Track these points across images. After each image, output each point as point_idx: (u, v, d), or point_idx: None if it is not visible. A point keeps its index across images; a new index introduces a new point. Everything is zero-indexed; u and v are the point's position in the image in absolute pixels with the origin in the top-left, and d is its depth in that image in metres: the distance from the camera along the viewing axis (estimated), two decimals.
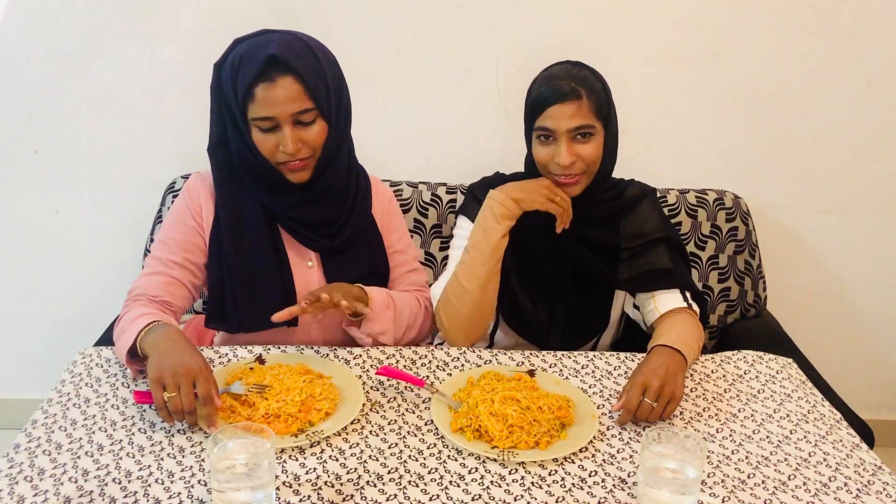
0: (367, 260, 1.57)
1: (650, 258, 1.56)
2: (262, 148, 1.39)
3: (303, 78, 1.35)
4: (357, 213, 1.54)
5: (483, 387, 1.30)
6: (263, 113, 1.35)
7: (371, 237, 1.58)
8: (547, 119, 1.43)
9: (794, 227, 2.30)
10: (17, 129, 2.15)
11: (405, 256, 1.65)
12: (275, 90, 1.33)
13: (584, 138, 1.44)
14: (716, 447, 1.22)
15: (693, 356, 1.41)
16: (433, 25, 2.09)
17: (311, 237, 1.51)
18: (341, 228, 1.52)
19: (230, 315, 1.49)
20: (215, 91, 1.42)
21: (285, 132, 1.36)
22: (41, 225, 2.25)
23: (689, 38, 2.11)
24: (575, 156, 1.44)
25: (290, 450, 1.16)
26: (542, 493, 1.09)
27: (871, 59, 2.12)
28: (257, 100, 1.34)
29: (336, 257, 1.54)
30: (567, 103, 1.42)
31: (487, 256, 1.50)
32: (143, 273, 1.48)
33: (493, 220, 1.50)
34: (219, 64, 1.41)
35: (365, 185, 1.58)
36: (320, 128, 1.40)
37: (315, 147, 1.40)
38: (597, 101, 1.43)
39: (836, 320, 2.41)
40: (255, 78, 1.33)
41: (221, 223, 1.47)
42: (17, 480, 1.08)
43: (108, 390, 1.30)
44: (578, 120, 1.42)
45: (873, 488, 1.13)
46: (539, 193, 1.48)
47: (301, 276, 1.53)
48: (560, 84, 1.43)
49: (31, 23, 2.05)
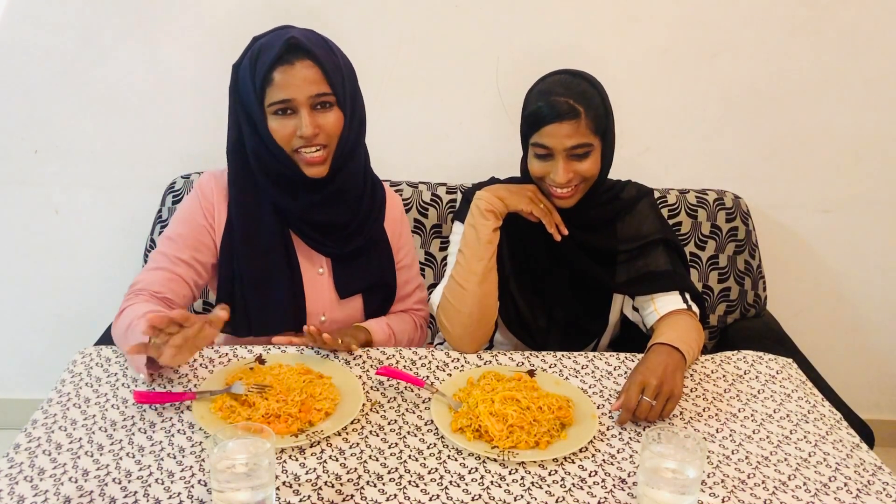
0: (377, 270, 1.58)
1: (649, 260, 1.56)
2: (279, 135, 1.39)
3: (321, 63, 1.37)
4: (370, 220, 1.55)
5: (483, 387, 1.30)
6: (281, 96, 1.36)
7: (382, 248, 1.59)
8: (544, 137, 1.42)
9: (794, 227, 2.30)
10: (17, 129, 2.15)
11: (411, 272, 1.67)
12: (293, 72, 1.35)
13: (582, 157, 1.43)
14: (716, 447, 1.22)
15: (693, 355, 1.41)
16: (433, 25, 2.09)
17: (323, 242, 1.51)
18: (354, 234, 1.52)
19: (239, 316, 1.49)
20: (233, 92, 1.43)
21: (303, 114, 1.37)
22: (41, 225, 2.25)
23: (689, 39, 2.11)
24: (572, 173, 1.43)
25: (290, 450, 1.16)
26: (542, 493, 1.09)
27: (871, 59, 2.13)
28: (275, 83, 1.36)
29: (347, 264, 1.54)
30: (565, 122, 1.39)
31: (481, 252, 1.49)
32: (148, 267, 1.47)
33: (480, 216, 1.50)
34: (237, 64, 1.42)
35: (381, 197, 1.59)
36: (336, 116, 1.41)
37: (331, 135, 1.41)
38: (595, 117, 1.41)
39: (836, 320, 2.41)
40: (275, 62, 1.35)
41: (234, 227, 1.47)
42: (17, 480, 1.08)
43: (108, 390, 1.30)
44: (577, 139, 1.41)
45: (873, 488, 1.13)
46: (523, 195, 1.49)
47: (311, 283, 1.53)
48: (558, 102, 1.40)
49: (31, 23, 2.05)
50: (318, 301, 1.54)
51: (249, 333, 1.50)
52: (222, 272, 1.50)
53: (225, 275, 1.49)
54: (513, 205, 1.50)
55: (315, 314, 1.54)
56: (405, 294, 1.67)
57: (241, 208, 1.47)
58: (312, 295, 1.53)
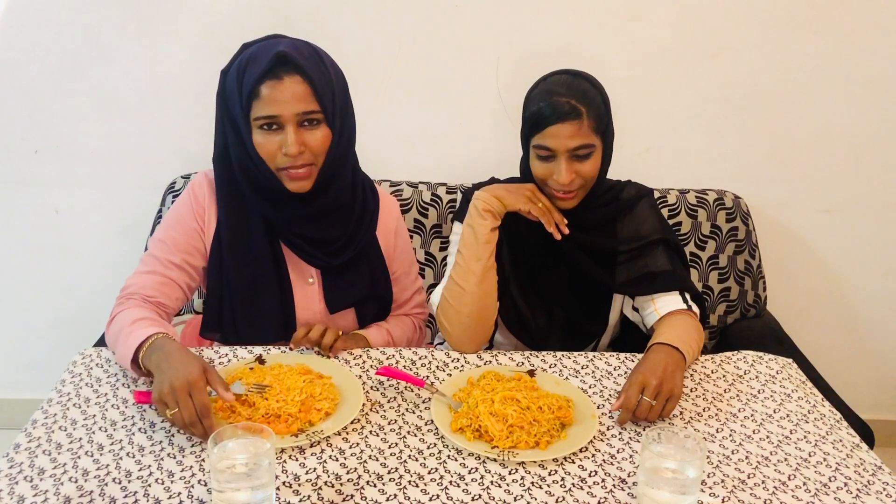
0: (368, 281, 1.56)
1: (648, 260, 1.56)
2: (263, 151, 1.36)
3: (311, 79, 1.33)
4: (361, 233, 1.52)
5: (483, 387, 1.30)
6: (267, 111, 1.32)
7: (374, 259, 1.57)
8: (546, 138, 1.41)
9: (794, 227, 2.30)
10: (17, 129, 2.15)
11: (408, 279, 1.66)
12: (281, 88, 1.31)
13: (584, 158, 1.43)
14: (716, 447, 1.22)
15: (692, 355, 1.41)
16: (433, 25, 2.09)
17: (312, 254, 1.49)
18: (344, 248, 1.50)
19: (227, 326, 1.49)
20: (220, 98, 1.40)
21: (288, 132, 1.33)
22: (41, 225, 2.25)
23: (689, 39, 2.11)
24: (574, 174, 1.43)
25: (290, 450, 1.16)
26: (542, 493, 1.09)
27: (871, 59, 2.12)
28: (262, 98, 1.32)
29: (337, 276, 1.52)
30: (567, 123, 1.39)
31: (479, 252, 1.49)
32: (140, 271, 1.46)
33: (478, 215, 1.50)
34: (225, 70, 1.39)
35: (373, 205, 1.55)
36: (324, 133, 1.37)
37: (317, 153, 1.38)
38: (597, 117, 1.41)
39: (836, 320, 2.41)
40: (262, 75, 1.31)
41: (223, 234, 1.46)
42: (17, 480, 1.08)
43: (108, 390, 1.30)
44: (579, 140, 1.40)
45: (873, 488, 1.13)
46: (521, 194, 1.49)
47: (301, 293, 1.52)
48: (560, 102, 1.39)
49: (31, 23, 2.05)
50: (308, 311, 1.53)
51: (237, 342, 1.49)
52: (211, 278, 1.48)
53: (214, 281, 1.48)
54: (511, 204, 1.49)
55: (305, 324, 1.51)
56: (403, 301, 1.66)
57: (229, 217, 1.45)
58: (303, 304, 1.52)
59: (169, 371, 1.18)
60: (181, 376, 1.16)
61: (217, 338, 1.53)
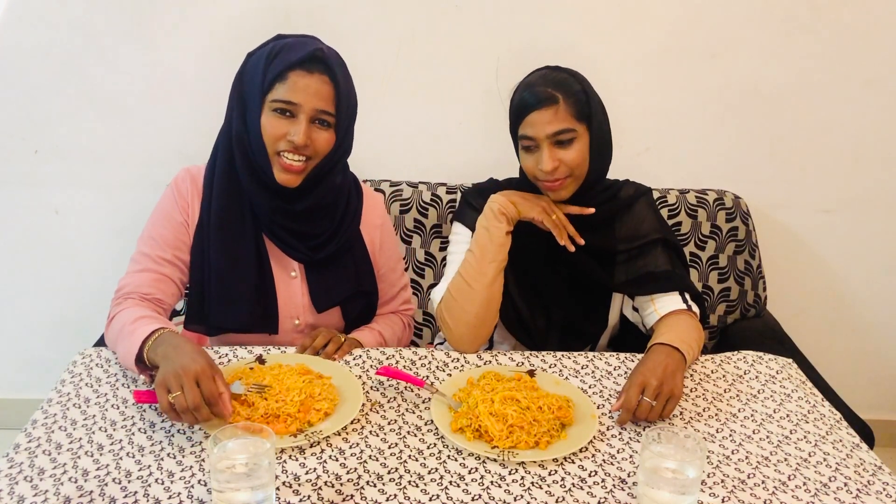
0: (353, 277, 1.56)
1: (648, 260, 1.56)
2: (268, 132, 1.38)
3: (337, 84, 1.38)
4: (344, 229, 1.53)
5: (483, 387, 1.30)
6: (288, 97, 1.36)
7: (358, 254, 1.57)
8: (527, 127, 1.44)
9: (794, 227, 2.30)
10: (17, 129, 2.15)
11: (395, 275, 1.67)
12: (309, 81, 1.36)
13: (566, 144, 1.44)
14: (716, 447, 1.22)
15: (693, 355, 1.41)
16: (433, 25, 2.09)
17: (294, 247, 1.50)
18: (326, 242, 1.51)
19: (195, 308, 1.48)
20: (237, 78, 1.43)
21: (301, 121, 1.37)
22: (41, 225, 2.25)
23: (689, 38, 2.11)
24: (557, 161, 1.44)
25: (290, 450, 1.16)
26: (542, 493, 1.09)
27: (871, 59, 2.13)
28: (288, 82, 1.35)
29: (320, 271, 1.53)
30: (544, 109, 1.42)
31: (493, 254, 1.50)
32: (132, 270, 1.46)
33: (494, 218, 1.51)
34: (251, 53, 1.42)
35: (355, 203, 1.57)
36: (329, 137, 1.41)
37: (318, 152, 1.41)
38: (576, 103, 1.43)
39: (836, 320, 2.41)
40: (296, 63, 1.35)
41: (207, 220, 1.46)
42: (17, 480, 1.08)
43: (108, 390, 1.30)
44: (557, 125, 1.42)
45: (873, 488, 1.13)
46: (537, 204, 1.50)
47: (284, 287, 1.52)
48: (537, 91, 1.43)
49: (30, 23, 2.06)
50: (290, 304, 1.53)
51: (205, 324, 1.48)
52: (194, 266, 1.48)
53: (196, 268, 1.48)
54: (525, 212, 1.50)
55: (288, 318, 1.53)
56: (390, 297, 1.67)
57: (220, 199, 1.45)
58: (284, 297, 1.52)
59: (178, 359, 1.18)
60: (189, 365, 1.16)
61: (201, 330, 1.52)
